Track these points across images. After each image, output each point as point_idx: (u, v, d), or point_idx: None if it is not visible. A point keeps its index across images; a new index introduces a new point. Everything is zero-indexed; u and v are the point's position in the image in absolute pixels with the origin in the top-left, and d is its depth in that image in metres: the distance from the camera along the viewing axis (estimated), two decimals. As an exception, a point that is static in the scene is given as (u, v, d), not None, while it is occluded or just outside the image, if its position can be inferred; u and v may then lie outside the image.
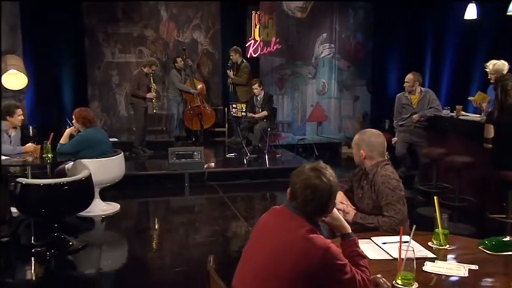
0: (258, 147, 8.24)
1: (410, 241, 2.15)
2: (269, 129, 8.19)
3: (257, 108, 8.23)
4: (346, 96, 9.23)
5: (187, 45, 9.49)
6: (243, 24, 9.16)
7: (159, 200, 6.56)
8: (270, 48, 8.64)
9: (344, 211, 2.90)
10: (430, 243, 2.55)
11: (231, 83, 8.71)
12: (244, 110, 7.95)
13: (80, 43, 9.18)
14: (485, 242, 2.51)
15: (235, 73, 8.63)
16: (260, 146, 8.25)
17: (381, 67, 9.18)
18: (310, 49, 8.93)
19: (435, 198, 2.65)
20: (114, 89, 9.66)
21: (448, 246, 2.53)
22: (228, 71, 8.73)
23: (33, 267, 4.33)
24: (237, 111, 8.04)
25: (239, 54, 8.55)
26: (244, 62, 8.60)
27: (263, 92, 8.17)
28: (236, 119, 8.27)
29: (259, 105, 8.21)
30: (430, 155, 5.80)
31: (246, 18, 9.01)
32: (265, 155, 8.04)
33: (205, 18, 9.81)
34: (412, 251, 2.08)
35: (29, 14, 8.05)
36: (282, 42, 8.68)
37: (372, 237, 2.63)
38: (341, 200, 2.96)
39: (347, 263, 1.96)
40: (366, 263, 2.12)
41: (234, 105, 8.10)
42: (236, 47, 8.56)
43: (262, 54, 8.68)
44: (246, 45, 8.71)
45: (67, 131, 5.57)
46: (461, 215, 5.23)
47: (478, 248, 2.50)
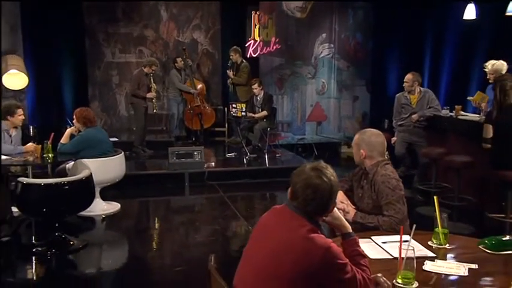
0: (257, 147, 8.24)
1: (411, 240, 2.16)
2: (269, 129, 8.20)
3: (257, 108, 8.23)
4: (345, 96, 9.24)
5: (187, 45, 9.49)
6: (243, 24, 9.16)
7: (160, 200, 6.57)
8: (269, 48, 8.64)
9: (344, 210, 2.90)
10: (430, 243, 2.56)
11: (231, 83, 8.72)
12: (244, 110, 7.96)
13: (80, 43, 9.17)
14: (485, 241, 2.52)
15: (235, 73, 8.63)
16: (260, 146, 8.25)
17: (380, 67, 9.17)
18: (309, 49, 8.94)
19: (435, 198, 2.66)
20: (114, 89, 9.65)
21: (448, 246, 2.53)
22: (227, 71, 8.74)
23: (34, 267, 4.33)
24: (236, 111, 8.05)
25: (239, 54, 8.56)
26: (244, 62, 8.61)
27: (263, 92, 8.18)
28: (236, 118, 8.28)
29: (259, 105, 8.21)
30: (429, 155, 5.81)
31: (246, 18, 9.01)
32: (265, 154, 8.05)
33: (205, 18, 9.80)
34: (412, 250, 2.08)
35: (29, 14, 8.04)
36: (281, 42, 8.68)
37: (372, 237, 2.63)
38: (341, 200, 2.97)
39: (348, 262, 1.96)
40: (367, 262, 2.12)
41: (234, 105, 8.11)
42: (236, 47, 8.56)
43: (261, 54, 8.68)
44: (245, 45, 8.72)
45: (68, 130, 5.57)
46: (461, 214, 5.24)
47: (477, 247, 2.51)
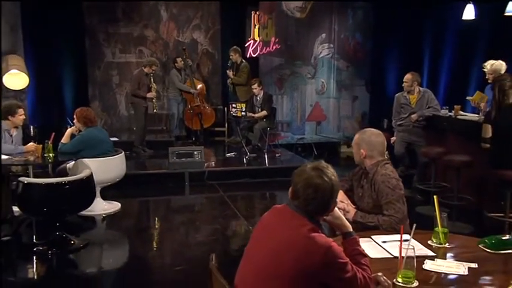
0: (257, 147, 8.26)
1: (411, 239, 2.17)
2: (268, 128, 8.22)
3: (257, 108, 8.25)
4: (345, 96, 9.26)
5: (187, 45, 9.49)
6: (243, 24, 9.18)
7: (160, 199, 6.58)
8: (269, 48, 8.65)
9: (344, 210, 2.91)
10: (429, 242, 2.57)
11: (231, 82, 8.73)
12: (243, 110, 7.97)
13: (81, 43, 9.17)
14: (485, 240, 2.53)
15: (234, 73, 8.65)
16: (260, 146, 8.26)
17: (379, 67, 9.19)
18: (309, 49, 8.95)
19: (435, 197, 2.67)
20: (114, 88, 9.65)
21: (447, 245, 2.55)
22: (227, 71, 8.75)
23: (34, 266, 4.34)
24: (236, 111, 8.06)
25: (239, 54, 8.57)
26: (243, 62, 8.62)
27: (262, 92, 8.20)
28: (236, 118, 8.30)
29: (259, 105, 8.23)
30: (428, 154, 5.82)
31: (246, 18, 9.03)
32: (265, 154, 8.06)
33: (205, 18, 9.81)
34: (412, 249, 2.09)
35: (29, 14, 8.04)
36: (281, 42, 8.69)
37: (372, 236, 2.64)
38: (341, 199, 2.98)
39: (348, 262, 1.97)
40: (367, 261, 2.12)
41: (234, 105, 8.12)
42: (236, 47, 8.57)
43: (261, 54, 8.69)
44: (245, 45, 8.73)
45: (68, 130, 5.58)
46: (460, 213, 5.24)
47: (477, 247, 2.53)
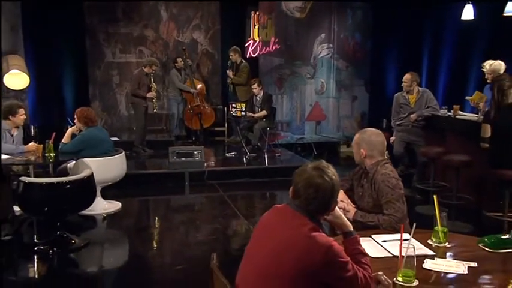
0: (257, 147, 8.27)
1: (411, 239, 2.18)
2: (268, 128, 8.22)
3: (256, 107, 8.26)
4: (344, 96, 9.27)
5: (187, 45, 9.50)
6: (243, 24, 9.19)
7: (160, 199, 6.59)
8: (269, 48, 8.67)
9: (344, 209, 2.92)
10: (429, 241, 2.58)
11: (231, 82, 8.73)
12: (243, 110, 7.98)
13: (81, 43, 9.18)
14: (485, 239, 2.54)
15: (234, 73, 8.65)
16: (259, 145, 8.27)
17: (379, 67, 9.20)
18: (308, 49, 8.97)
19: (435, 197, 2.68)
20: (114, 88, 9.66)
21: (447, 244, 2.56)
22: (227, 71, 8.76)
23: (35, 265, 4.36)
24: (236, 111, 8.07)
25: (238, 54, 8.58)
26: (243, 62, 8.63)
27: (262, 92, 8.20)
28: (236, 118, 8.31)
29: (259, 105, 8.24)
30: (427, 154, 5.83)
31: (246, 19, 9.04)
32: (265, 154, 8.07)
33: (205, 18, 9.82)
34: (412, 248, 2.10)
35: (30, 14, 8.04)
36: (280, 43, 8.71)
37: (373, 235, 2.65)
38: (341, 199, 2.98)
39: (349, 261, 1.98)
40: (368, 260, 2.13)
41: (234, 105, 8.13)
42: (235, 47, 8.58)
43: (261, 54, 8.70)
44: (245, 45, 8.74)
45: (69, 130, 5.58)
46: (459, 213, 5.25)
47: (476, 246, 2.54)
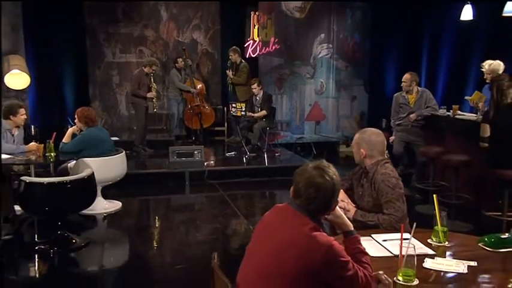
0: (257, 146, 8.28)
1: (411, 238, 2.19)
2: (268, 128, 8.23)
3: (256, 107, 8.27)
4: (343, 95, 9.29)
5: (187, 45, 9.51)
6: (243, 24, 9.21)
7: (160, 198, 6.60)
8: (268, 48, 8.68)
9: (344, 209, 2.93)
10: (429, 240, 2.59)
11: (230, 82, 8.75)
12: (243, 110, 7.99)
13: (81, 43, 9.19)
14: (485, 239, 2.55)
15: (234, 73, 8.67)
16: (259, 145, 8.28)
17: (378, 67, 9.22)
18: (308, 49, 8.99)
19: (434, 196, 2.69)
20: (114, 88, 9.68)
21: (447, 243, 2.56)
22: (227, 71, 8.77)
23: (36, 265, 4.37)
24: (236, 111, 8.08)
25: (238, 54, 8.59)
26: (243, 62, 8.64)
27: (262, 92, 8.22)
28: (235, 118, 8.32)
29: (258, 105, 8.25)
30: (427, 154, 5.85)
31: (245, 19, 9.06)
32: (264, 153, 8.08)
33: (205, 18, 9.83)
34: (412, 247, 2.11)
35: (30, 14, 8.03)
36: (280, 43, 8.72)
37: (373, 235, 2.66)
38: (342, 198, 2.98)
39: (350, 260, 1.98)
40: (368, 259, 2.14)
41: (234, 105, 8.15)
42: (235, 47, 8.60)
43: (261, 54, 8.72)
44: (245, 45, 8.75)
45: (69, 130, 5.59)
46: (458, 212, 5.27)
47: (476, 245, 2.54)
